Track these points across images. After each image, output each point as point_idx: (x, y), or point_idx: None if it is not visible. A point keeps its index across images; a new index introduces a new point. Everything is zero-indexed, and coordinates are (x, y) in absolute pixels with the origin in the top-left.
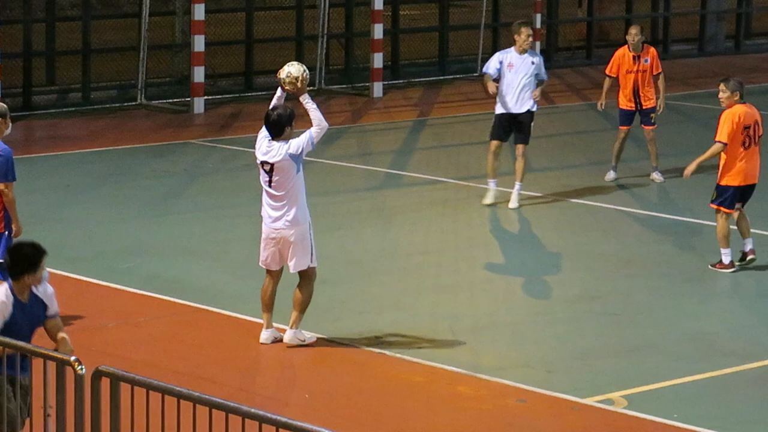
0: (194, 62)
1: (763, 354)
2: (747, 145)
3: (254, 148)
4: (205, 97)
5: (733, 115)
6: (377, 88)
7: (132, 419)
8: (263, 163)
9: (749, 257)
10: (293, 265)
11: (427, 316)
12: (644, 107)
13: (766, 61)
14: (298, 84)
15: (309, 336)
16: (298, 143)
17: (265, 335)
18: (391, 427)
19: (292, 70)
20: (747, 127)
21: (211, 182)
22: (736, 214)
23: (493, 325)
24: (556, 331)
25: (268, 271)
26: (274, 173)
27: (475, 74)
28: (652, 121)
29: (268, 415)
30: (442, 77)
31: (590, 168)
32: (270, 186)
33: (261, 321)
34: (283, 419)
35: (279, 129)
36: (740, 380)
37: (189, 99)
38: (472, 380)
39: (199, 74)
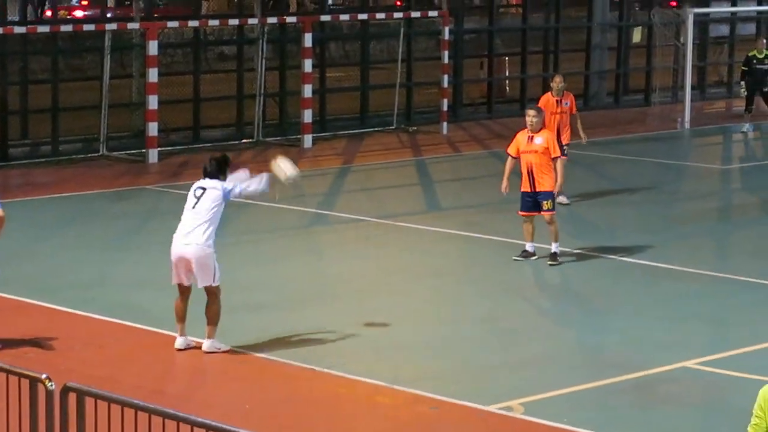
0: (149, 118)
1: (642, 365)
2: None
3: None
4: (159, 149)
5: (554, 133)
6: (307, 140)
7: (96, 429)
8: (198, 188)
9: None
10: (199, 282)
11: (350, 336)
12: (562, 142)
13: (642, 114)
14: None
15: (223, 346)
16: (232, 182)
17: (179, 342)
18: None
19: (290, 173)
20: None
21: (165, 222)
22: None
23: (409, 342)
24: (463, 347)
25: (179, 288)
26: (203, 198)
27: (391, 127)
28: (565, 152)
29: (213, 423)
30: (363, 130)
31: (492, 207)
32: (194, 207)
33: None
34: (227, 426)
35: (221, 172)
36: (622, 388)
37: (145, 150)
38: (390, 391)
39: (153, 129)
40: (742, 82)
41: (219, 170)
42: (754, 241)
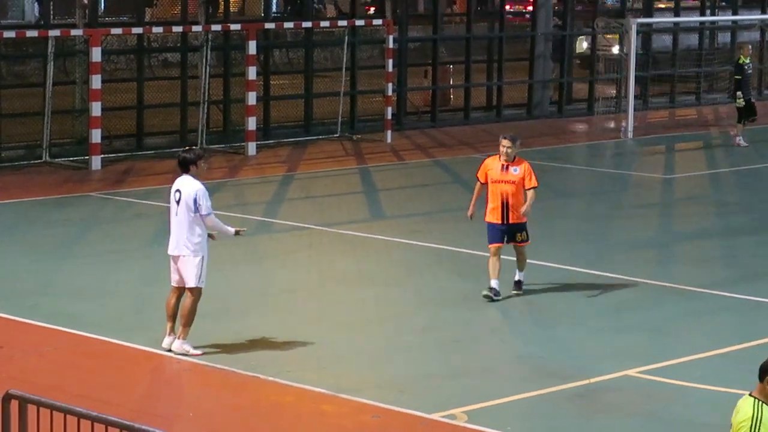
0: (92, 125)
1: (581, 374)
2: None
3: (144, 200)
4: (102, 156)
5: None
6: (251, 147)
7: None
8: (176, 191)
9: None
10: (184, 281)
11: (295, 344)
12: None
13: (584, 123)
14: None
15: (194, 350)
16: (204, 203)
17: (167, 341)
18: None
19: None
20: None
21: (107, 229)
22: None
23: (352, 351)
24: (406, 356)
25: (172, 286)
26: (180, 204)
27: (335, 135)
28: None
29: (157, 431)
30: (307, 138)
31: (436, 215)
32: (176, 214)
33: (148, 349)
34: None
35: (185, 166)
36: (562, 397)
37: (87, 157)
38: (334, 399)
39: (96, 136)
40: (739, 92)
41: (191, 162)
42: (695, 251)
